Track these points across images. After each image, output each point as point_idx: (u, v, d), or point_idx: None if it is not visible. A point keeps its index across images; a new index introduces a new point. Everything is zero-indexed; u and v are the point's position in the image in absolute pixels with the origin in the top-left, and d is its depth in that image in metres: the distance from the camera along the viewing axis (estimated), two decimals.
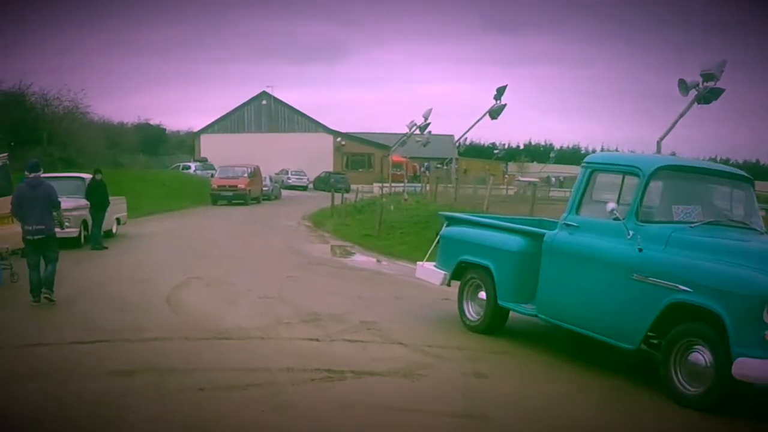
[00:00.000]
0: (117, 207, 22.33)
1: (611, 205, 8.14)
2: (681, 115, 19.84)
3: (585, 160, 9.35)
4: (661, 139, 20.15)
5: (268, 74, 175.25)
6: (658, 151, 19.41)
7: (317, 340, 9.59)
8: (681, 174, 8.72)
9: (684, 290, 7.39)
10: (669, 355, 7.62)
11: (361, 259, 20.29)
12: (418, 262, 11.90)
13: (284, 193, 52.52)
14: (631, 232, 8.08)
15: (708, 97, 19.17)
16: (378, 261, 19.75)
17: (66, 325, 10.10)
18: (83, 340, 9.14)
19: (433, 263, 11.27)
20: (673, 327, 7.62)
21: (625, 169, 8.63)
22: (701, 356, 7.32)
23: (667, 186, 8.57)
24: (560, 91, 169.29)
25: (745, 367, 6.81)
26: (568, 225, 9.03)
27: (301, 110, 74.15)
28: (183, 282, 14.00)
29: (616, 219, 8.16)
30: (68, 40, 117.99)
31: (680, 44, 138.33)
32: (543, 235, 9.36)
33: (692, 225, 8.01)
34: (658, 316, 7.64)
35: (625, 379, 8.45)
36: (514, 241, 9.80)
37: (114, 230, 22.13)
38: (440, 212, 12.13)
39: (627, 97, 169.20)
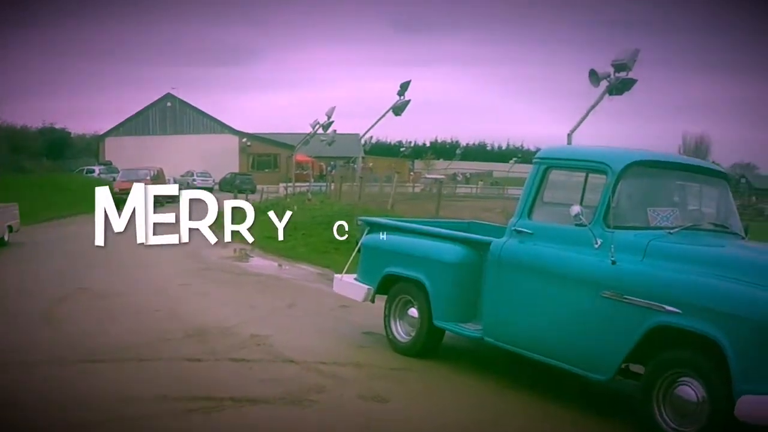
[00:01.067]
0: (8, 213, 20.47)
1: (576, 209, 6.38)
2: (592, 108, 18.66)
3: (538, 154, 7.49)
4: (572, 132, 18.96)
5: (174, 76, 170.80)
6: (569, 143, 18.11)
7: (199, 360, 8.23)
8: (656, 170, 6.96)
9: (671, 311, 5.73)
10: (651, 388, 5.96)
11: (261, 263, 18.48)
12: (335, 275, 9.82)
13: None
14: (599, 240, 6.37)
15: (620, 87, 18.04)
16: (279, 265, 17.99)
17: None
18: None
19: (354, 276, 9.32)
20: (656, 355, 5.97)
21: (590, 165, 6.92)
22: (692, 390, 5.69)
23: (641, 185, 6.83)
24: (467, 89, 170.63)
25: (753, 406, 5.24)
26: (519, 231, 7.19)
27: (206, 112, 71.32)
28: (69, 294, 12.40)
29: (580, 225, 6.42)
30: None
31: (588, 42, 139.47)
32: (485, 243, 7.56)
33: (671, 231, 6.36)
34: (638, 342, 5.95)
35: (555, 399, 6.98)
36: (451, 250, 7.91)
37: (6, 238, 20.00)
38: (360, 217, 10.01)
39: (534, 94, 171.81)
